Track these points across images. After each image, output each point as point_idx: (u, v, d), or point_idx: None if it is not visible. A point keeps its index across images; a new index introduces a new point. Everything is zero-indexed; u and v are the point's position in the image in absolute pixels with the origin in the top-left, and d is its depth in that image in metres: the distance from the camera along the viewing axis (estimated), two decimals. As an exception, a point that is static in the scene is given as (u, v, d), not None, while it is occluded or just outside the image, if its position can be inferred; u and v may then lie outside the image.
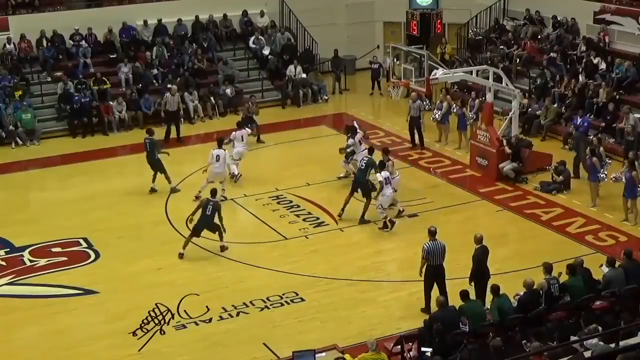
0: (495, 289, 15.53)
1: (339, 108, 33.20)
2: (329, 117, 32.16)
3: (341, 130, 28.04)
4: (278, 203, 23.17)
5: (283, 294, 18.16)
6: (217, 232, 20.12)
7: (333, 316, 17.33)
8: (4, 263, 20.22)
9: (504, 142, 24.48)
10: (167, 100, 28.77)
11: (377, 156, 22.63)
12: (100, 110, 30.53)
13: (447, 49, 34.02)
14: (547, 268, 16.13)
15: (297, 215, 22.34)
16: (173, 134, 28.62)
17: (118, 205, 23.11)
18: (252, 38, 35.03)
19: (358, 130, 24.41)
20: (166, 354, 16.28)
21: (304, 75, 33.65)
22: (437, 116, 27.52)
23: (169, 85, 29.60)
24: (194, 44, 34.11)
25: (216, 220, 19.91)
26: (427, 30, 34.80)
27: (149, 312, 17.48)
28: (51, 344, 16.65)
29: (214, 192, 20.55)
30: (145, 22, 34.32)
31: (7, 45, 32.40)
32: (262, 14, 35.91)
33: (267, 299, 18.00)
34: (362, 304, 17.80)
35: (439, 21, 34.95)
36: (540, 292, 15.62)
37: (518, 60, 31.86)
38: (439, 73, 24.90)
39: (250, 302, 17.87)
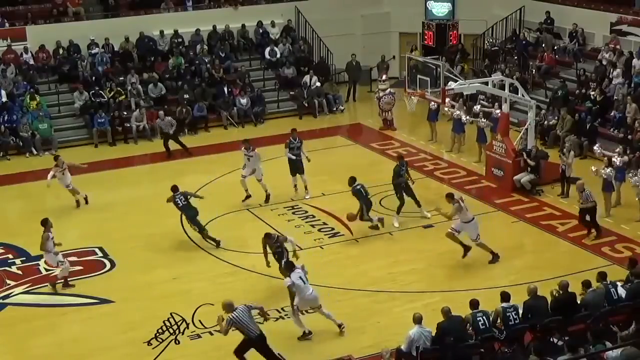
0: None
1: (355, 118, 33.23)
2: (345, 128, 32.17)
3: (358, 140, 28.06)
4: (293, 213, 23.17)
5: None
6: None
7: (348, 327, 17.23)
8: (20, 272, 20.33)
9: (524, 154, 24.38)
10: (159, 125, 29.23)
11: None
12: (122, 121, 30.79)
13: (465, 67, 33.76)
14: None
15: (312, 226, 22.33)
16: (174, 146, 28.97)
17: (133, 215, 23.17)
18: (268, 49, 35.11)
19: None
20: (180, 364, 16.32)
21: (318, 85, 33.69)
22: (451, 113, 27.48)
23: (160, 112, 29.85)
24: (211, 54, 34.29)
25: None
26: (442, 40, 34.87)
27: (163, 321, 17.50)
28: (66, 353, 16.71)
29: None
30: (161, 32, 34.46)
31: (25, 55, 32.62)
32: (272, 24, 36.00)
33: (282, 309, 17.97)
34: (377, 314, 17.76)
35: (454, 32, 35.02)
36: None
37: (534, 71, 31.81)
38: (455, 84, 24.88)
39: (266, 311, 17.82)
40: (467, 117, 27.34)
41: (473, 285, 18.20)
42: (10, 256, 21.22)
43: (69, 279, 19.53)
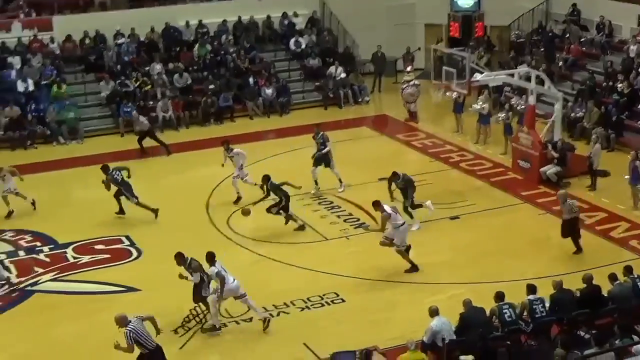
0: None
1: (380, 109, 33.20)
2: (370, 119, 32.15)
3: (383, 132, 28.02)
4: (319, 204, 23.19)
5: (324, 295, 18.16)
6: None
7: (374, 318, 17.28)
8: (47, 259, 20.48)
9: (549, 146, 24.27)
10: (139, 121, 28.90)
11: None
12: (148, 110, 30.96)
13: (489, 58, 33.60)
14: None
15: (338, 216, 22.35)
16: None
17: (160, 204, 23.21)
18: (293, 39, 35.12)
19: None
20: (207, 353, 16.35)
21: (343, 76, 33.67)
22: (476, 108, 27.34)
23: (133, 112, 29.73)
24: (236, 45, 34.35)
25: None
26: (468, 32, 34.73)
27: (190, 310, 17.56)
28: (93, 341, 16.75)
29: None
30: (187, 22, 34.54)
31: (51, 45, 32.82)
32: (295, 15, 36.01)
33: (308, 299, 18.02)
34: (403, 306, 17.76)
35: (480, 23, 34.87)
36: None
37: (560, 63, 31.64)
38: (481, 75, 24.80)
39: (291, 302, 17.90)
40: (500, 116, 27.09)
41: (499, 277, 18.14)
42: (38, 244, 21.37)
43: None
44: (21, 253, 21.01)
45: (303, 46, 35.10)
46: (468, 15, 35.35)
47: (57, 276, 19.68)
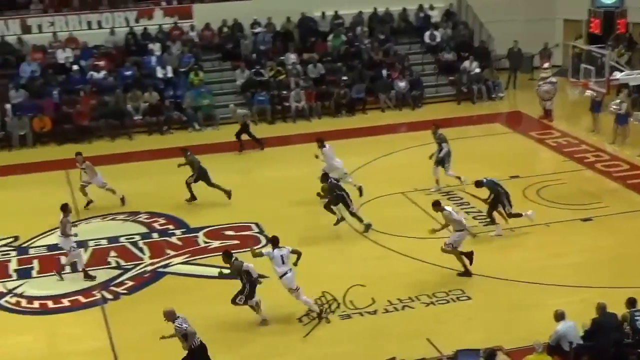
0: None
1: (514, 106, 32.67)
2: (503, 115, 31.67)
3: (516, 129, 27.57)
4: (448, 199, 22.98)
5: (449, 291, 18.01)
6: None
7: (499, 317, 17.04)
8: (179, 243, 20.98)
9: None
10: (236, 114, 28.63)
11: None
12: (281, 99, 31.28)
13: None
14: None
15: (467, 213, 22.07)
16: None
17: (291, 193, 23.46)
18: (428, 32, 34.90)
19: None
20: (330, 342, 16.42)
21: (478, 71, 33.26)
22: (613, 109, 26.52)
23: (230, 105, 29.68)
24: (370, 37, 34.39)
25: None
26: (609, 29, 33.76)
27: (315, 299, 17.66)
28: (219, 325, 17.06)
29: None
30: (323, 13, 34.76)
31: (190, 32, 33.58)
32: (431, 8, 35.74)
33: (434, 294, 17.89)
34: (531, 306, 17.39)
35: (622, 20, 33.84)
36: None
37: None
38: (621, 74, 24.08)
39: (416, 296, 17.82)
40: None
41: (632, 282, 17.58)
42: (172, 227, 21.92)
43: (88, 270, 19.49)
44: (154, 235, 21.62)
45: (438, 39, 34.86)
46: (610, 11, 34.34)
47: (187, 259, 20.14)
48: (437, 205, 19.05)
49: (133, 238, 21.31)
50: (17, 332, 17.25)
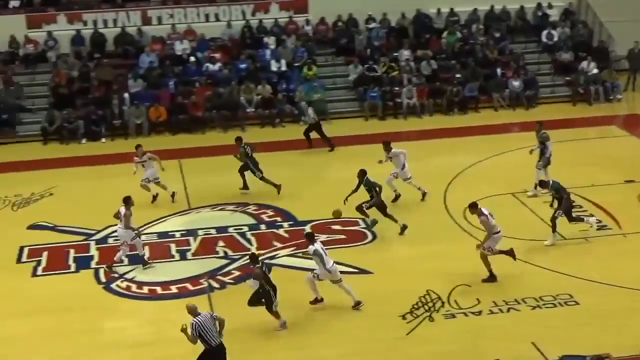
0: None
1: (633, 109, 31.83)
2: (621, 118, 30.89)
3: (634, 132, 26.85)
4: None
5: (557, 295, 17.65)
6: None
7: (608, 323, 16.61)
8: (286, 235, 21.16)
9: None
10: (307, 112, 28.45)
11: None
12: (393, 96, 31.18)
13: None
14: None
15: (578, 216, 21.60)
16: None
17: (402, 189, 23.36)
18: (545, 31, 34.29)
19: None
20: (432, 341, 16.30)
21: (596, 72, 32.50)
22: None
23: (302, 103, 29.34)
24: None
25: None
26: None
27: (419, 297, 17.58)
28: (322, 317, 17.18)
29: None
30: (438, 10, 34.54)
31: (306, 27, 33.80)
32: (549, 6, 35.08)
33: (540, 298, 17.57)
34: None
35: None
36: None
37: None
38: None
39: (522, 299, 17.52)
40: None
41: None
42: (279, 219, 22.12)
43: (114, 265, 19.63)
44: (262, 227, 21.86)
45: (555, 39, 34.20)
46: None
47: (294, 252, 20.29)
48: (473, 208, 18.49)
49: (241, 229, 21.59)
50: (125, 316, 17.71)
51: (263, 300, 16.59)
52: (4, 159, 28.27)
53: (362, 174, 21.02)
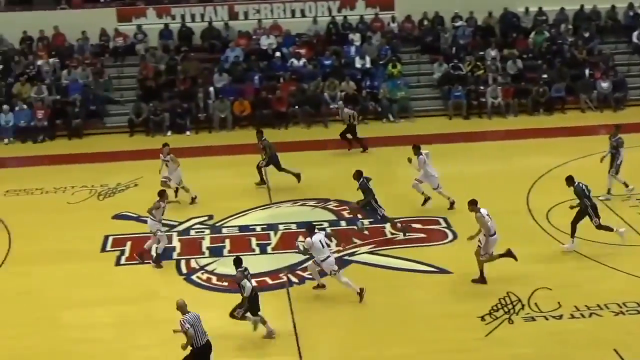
0: None
1: None
2: None
3: None
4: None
5: (642, 302, 17.31)
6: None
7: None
8: (367, 232, 21.11)
9: None
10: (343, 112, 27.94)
11: None
12: (478, 95, 30.97)
13: None
14: None
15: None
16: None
17: (479, 190, 23.08)
18: (636, 32, 33.56)
19: None
20: (512, 344, 16.10)
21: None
22: None
23: (339, 102, 28.84)
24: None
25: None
26: None
27: (499, 299, 17.40)
28: (399, 316, 17.12)
29: None
30: (526, 9, 34.12)
31: (391, 24, 33.73)
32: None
33: (624, 304, 17.20)
34: None
35: None
36: None
37: None
38: None
39: (605, 305, 17.17)
40: None
41: None
42: (360, 216, 22.11)
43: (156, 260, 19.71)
44: (342, 223, 21.87)
45: (642, 38, 33.48)
46: None
47: (373, 249, 20.26)
48: (472, 205, 18.27)
49: (321, 225, 21.63)
50: (204, 308, 17.75)
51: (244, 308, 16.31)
52: (92, 150, 28.90)
53: (359, 174, 21.04)
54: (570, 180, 19.71)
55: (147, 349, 16.08)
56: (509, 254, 18.38)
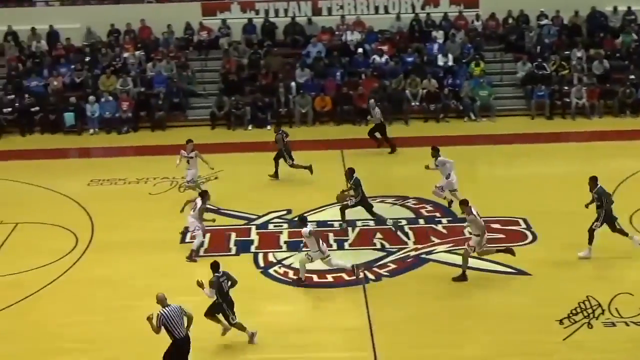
0: None
1: None
2: None
3: None
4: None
5: None
6: None
7: None
8: (444, 231, 21.01)
9: None
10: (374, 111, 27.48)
11: None
12: (562, 95, 30.54)
13: None
14: None
15: None
16: None
17: (561, 190, 22.82)
18: None
19: None
20: (590, 349, 15.84)
21: None
22: None
23: (370, 101, 28.21)
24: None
25: None
26: None
27: (579, 303, 17.11)
28: (472, 315, 17.01)
29: None
30: (615, 8, 33.46)
31: (475, 22, 33.46)
32: None
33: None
34: None
35: None
36: None
37: None
38: None
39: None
40: None
41: None
42: (438, 215, 21.99)
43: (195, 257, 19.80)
44: (421, 221, 21.79)
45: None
46: None
47: (451, 248, 20.12)
48: (464, 205, 18.22)
49: (400, 222, 21.56)
50: (280, 302, 18.00)
51: (219, 313, 16.17)
52: (174, 142, 29.11)
53: (350, 172, 21.10)
54: (594, 180, 19.43)
55: (223, 339, 16.21)
56: (507, 250, 18.52)
